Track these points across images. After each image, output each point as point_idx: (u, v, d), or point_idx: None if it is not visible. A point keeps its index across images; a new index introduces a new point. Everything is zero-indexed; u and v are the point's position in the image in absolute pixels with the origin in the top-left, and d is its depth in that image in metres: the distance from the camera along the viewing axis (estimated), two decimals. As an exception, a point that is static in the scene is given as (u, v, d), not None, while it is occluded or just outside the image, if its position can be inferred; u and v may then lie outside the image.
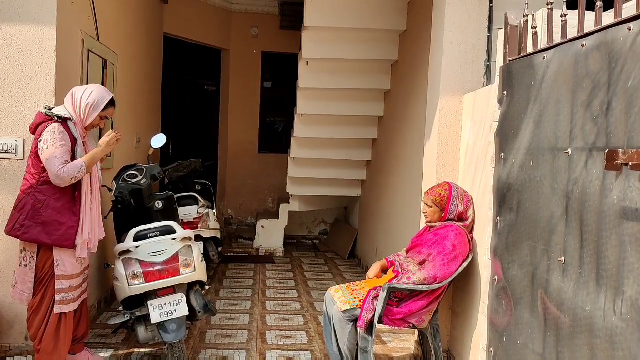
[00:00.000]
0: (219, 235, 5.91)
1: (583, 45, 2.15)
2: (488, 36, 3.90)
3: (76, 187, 3.24)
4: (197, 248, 3.68)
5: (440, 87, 3.93)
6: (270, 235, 7.97)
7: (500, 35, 3.14)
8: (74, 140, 3.23)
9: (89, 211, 3.29)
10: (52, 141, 3.11)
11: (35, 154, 3.17)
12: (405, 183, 5.65)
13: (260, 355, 4.00)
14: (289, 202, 8.01)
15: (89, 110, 3.32)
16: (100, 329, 4.29)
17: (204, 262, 3.79)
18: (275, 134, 9.59)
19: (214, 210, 6.02)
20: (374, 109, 7.00)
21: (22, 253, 3.25)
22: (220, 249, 5.98)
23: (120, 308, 3.66)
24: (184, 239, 3.60)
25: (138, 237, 3.54)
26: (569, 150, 2.20)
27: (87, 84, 4.21)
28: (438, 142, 3.94)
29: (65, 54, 3.78)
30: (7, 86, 3.56)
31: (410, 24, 5.96)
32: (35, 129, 3.23)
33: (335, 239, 8.55)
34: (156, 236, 3.55)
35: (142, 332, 3.58)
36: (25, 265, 3.22)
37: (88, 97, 3.32)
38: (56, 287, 3.20)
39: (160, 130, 7.12)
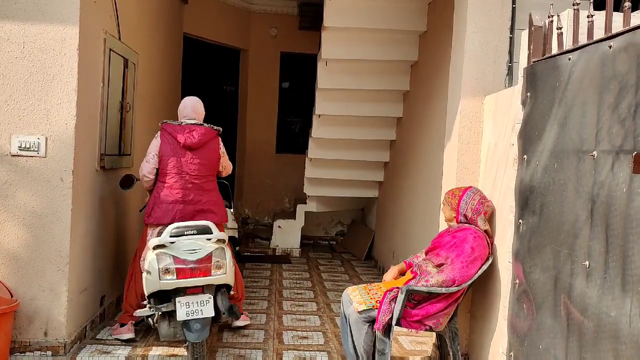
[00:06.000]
0: (236, 235, 5.93)
1: (610, 47, 2.11)
2: (510, 37, 3.86)
3: None
4: (230, 251, 3.67)
5: (461, 88, 3.89)
6: (286, 236, 7.97)
7: (523, 36, 3.10)
8: None
9: None
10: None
11: (218, 159, 4.24)
12: (423, 185, 5.61)
13: (277, 355, 4.00)
14: (305, 203, 8.01)
15: None
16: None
17: (234, 266, 3.79)
18: (293, 134, 9.59)
19: (232, 210, 6.03)
20: (392, 110, 6.96)
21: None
22: (237, 248, 5.99)
23: (145, 302, 3.68)
24: (218, 240, 3.61)
25: (174, 233, 3.55)
26: (595, 153, 2.17)
27: (108, 83, 4.25)
28: (458, 143, 3.91)
29: (88, 53, 3.81)
30: (30, 85, 3.60)
31: (430, 24, 5.93)
32: (207, 141, 4.13)
33: (351, 240, 8.53)
34: (193, 234, 3.56)
35: (164, 327, 3.58)
36: None
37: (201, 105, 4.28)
38: None
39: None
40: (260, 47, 9.15)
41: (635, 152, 1.86)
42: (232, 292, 3.79)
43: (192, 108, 4.20)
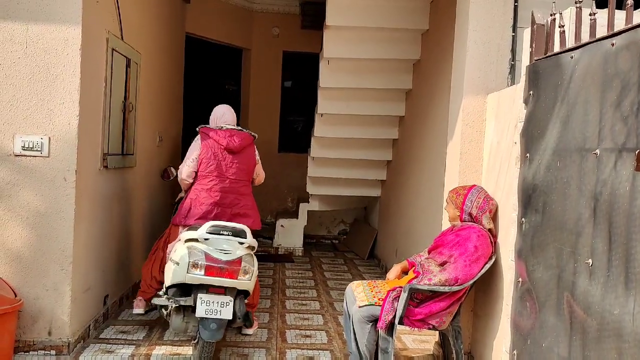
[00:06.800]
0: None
1: (613, 44, 2.11)
2: (513, 35, 3.86)
3: None
4: (256, 260, 3.69)
5: (463, 86, 3.89)
6: (289, 235, 7.97)
7: (525, 34, 3.10)
8: None
9: None
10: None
11: (254, 165, 4.40)
12: (426, 183, 5.61)
13: (280, 354, 4.00)
14: (308, 202, 8.01)
15: None
16: (122, 325, 4.33)
17: (258, 275, 3.80)
18: (295, 133, 9.58)
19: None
20: (395, 108, 6.96)
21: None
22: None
23: (161, 292, 3.70)
24: (249, 246, 3.62)
25: (210, 231, 3.55)
26: (598, 151, 2.16)
27: (111, 82, 4.25)
28: (461, 142, 3.90)
29: (90, 53, 3.81)
30: (33, 85, 3.61)
31: (432, 23, 5.92)
32: (246, 145, 4.31)
33: (354, 239, 8.53)
34: (228, 235, 3.57)
35: (177, 320, 3.58)
36: None
37: None
38: None
39: (181, 128, 7.18)
40: (263, 47, 9.15)
41: (638, 150, 1.86)
42: (246, 300, 3.81)
43: (231, 114, 4.42)
